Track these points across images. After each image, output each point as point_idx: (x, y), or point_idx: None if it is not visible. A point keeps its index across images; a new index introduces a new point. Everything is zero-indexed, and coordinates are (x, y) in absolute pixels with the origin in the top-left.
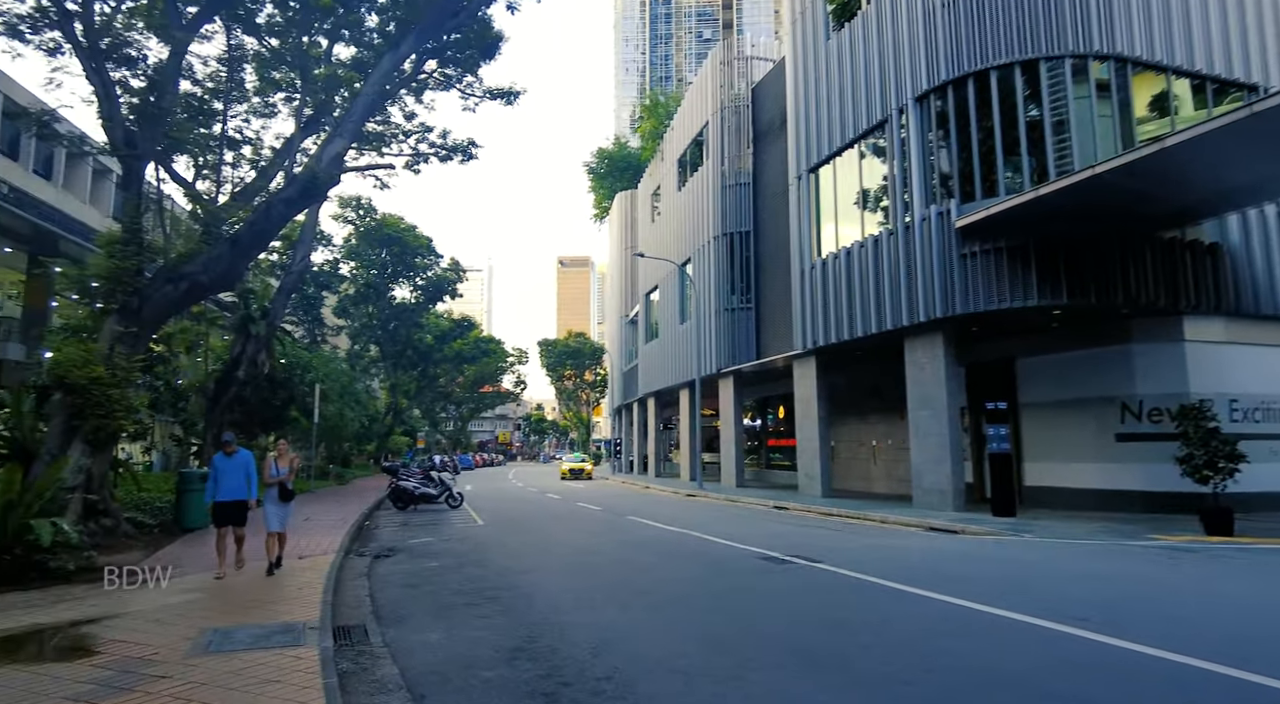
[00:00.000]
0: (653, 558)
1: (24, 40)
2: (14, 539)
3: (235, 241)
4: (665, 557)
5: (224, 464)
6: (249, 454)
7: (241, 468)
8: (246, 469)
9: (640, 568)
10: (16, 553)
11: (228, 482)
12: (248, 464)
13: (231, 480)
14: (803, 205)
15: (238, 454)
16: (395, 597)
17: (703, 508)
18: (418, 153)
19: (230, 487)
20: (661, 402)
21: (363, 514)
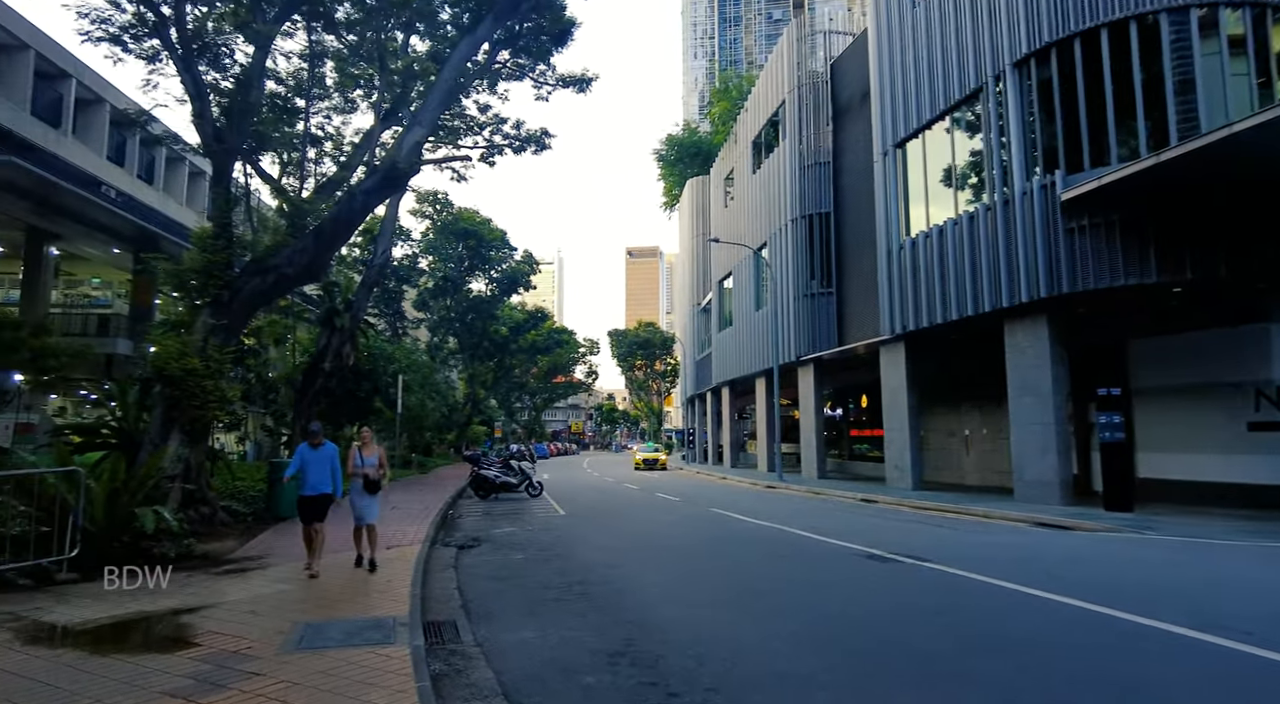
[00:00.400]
0: (744, 553)
1: (127, 49)
2: (121, 526)
3: (319, 233)
4: (757, 552)
5: (310, 456)
6: (335, 447)
7: (326, 461)
8: (332, 462)
9: (733, 564)
10: (125, 540)
11: (312, 475)
12: (333, 457)
13: (315, 474)
14: (889, 183)
15: (324, 446)
16: (483, 590)
17: (785, 500)
18: (492, 145)
19: (314, 480)
20: (736, 391)
21: (446, 503)
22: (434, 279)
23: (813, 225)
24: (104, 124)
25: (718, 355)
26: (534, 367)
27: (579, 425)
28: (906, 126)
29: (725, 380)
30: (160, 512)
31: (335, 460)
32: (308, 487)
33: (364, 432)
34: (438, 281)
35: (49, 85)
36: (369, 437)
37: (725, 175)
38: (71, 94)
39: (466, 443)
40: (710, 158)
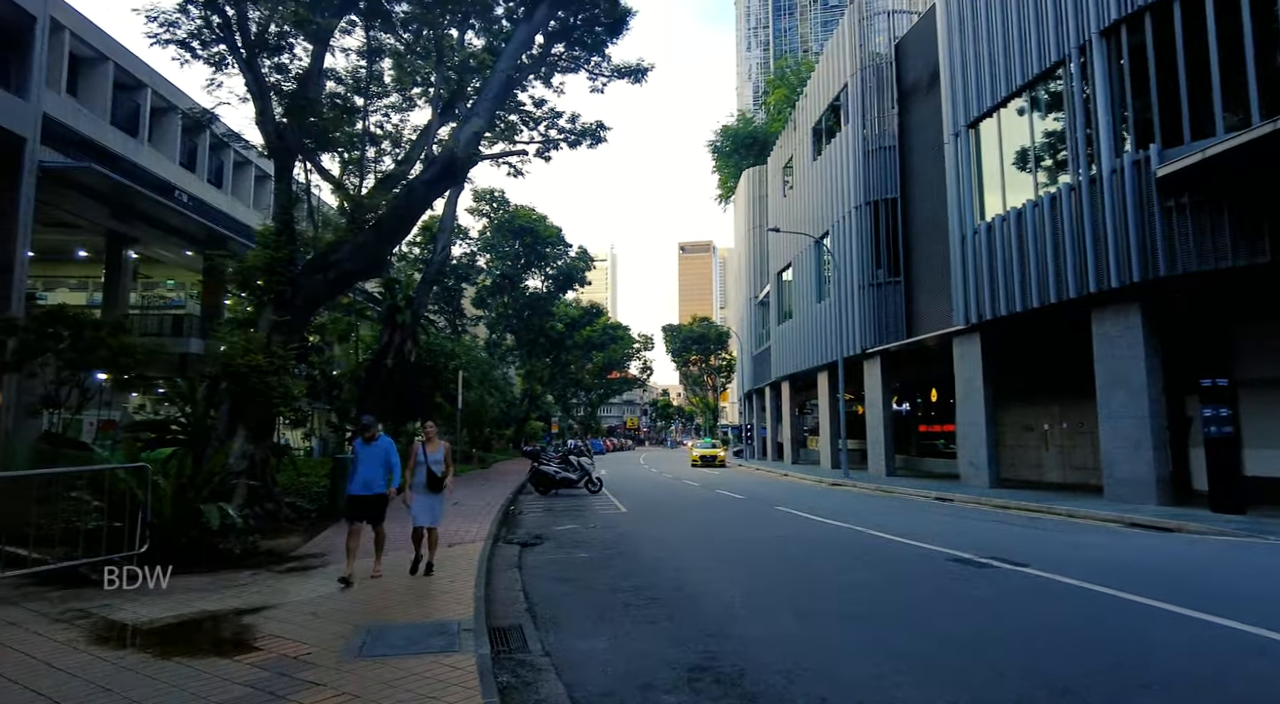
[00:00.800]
0: (819, 556)
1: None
2: (188, 522)
3: (379, 228)
4: (834, 555)
5: (363, 452)
6: (390, 441)
7: (380, 457)
8: (386, 457)
9: (809, 568)
10: (193, 535)
11: (363, 471)
12: (388, 452)
13: (368, 470)
14: (961, 165)
15: (378, 441)
16: (549, 593)
17: (854, 498)
18: (548, 139)
19: (366, 478)
20: (796, 385)
21: (508, 499)
22: (491, 277)
23: (878, 212)
24: (176, 131)
25: (777, 349)
26: (589, 363)
27: (634, 421)
28: (979, 105)
29: (785, 375)
30: (225, 508)
31: (391, 455)
32: (358, 484)
33: (428, 426)
34: (495, 279)
35: (127, 96)
36: (433, 431)
37: (784, 164)
38: (147, 103)
39: (526, 438)
40: (766, 148)
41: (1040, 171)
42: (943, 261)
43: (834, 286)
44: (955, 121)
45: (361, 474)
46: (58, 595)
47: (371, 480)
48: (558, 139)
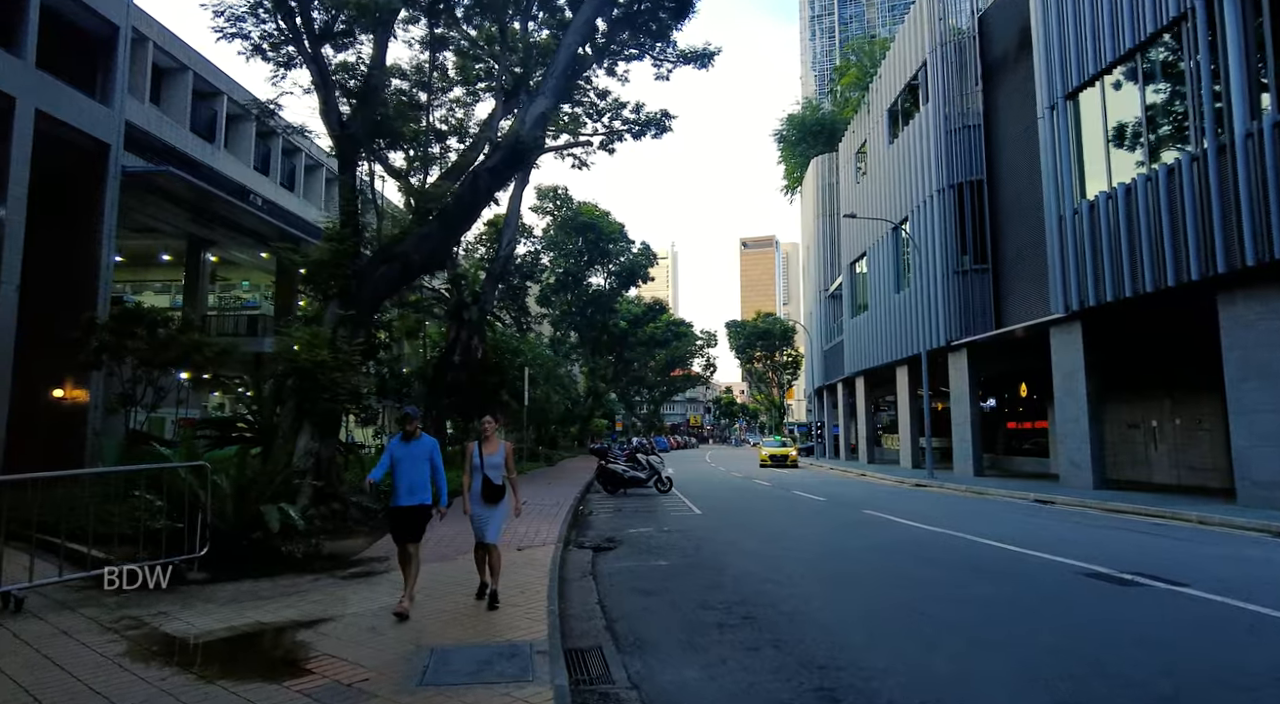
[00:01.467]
0: (928, 569)
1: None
2: (250, 524)
3: (444, 218)
4: (944, 567)
5: (402, 453)
6: (433, 441)
7: (423, 459)
8: (431, 460)
9: (920, 583)
10: (256, 537)
11: (406, 477)
12: (433, 453)
13: (410, 476)
14: (1058, 140)
15: (420, 440)
16: (630, 608)
17: (945, 501)
18: (612, 131)
19: (409, 483)
20: (871, 381)
21: (576, 498)
22: (555, 274)
23: (962, 195)
24: (250, 137)
25: (850, 343)
26: (651, 360)
27: (697, 419)
28: (1079, 74)
29: (859, 370)
30: (286, 509)
31: (436, 457)
32: (402, 493)
33: (485, 422)
34: (559, 277)
35: (204, 104)
36: (492, 428)
37: (856, 149)
38: (224, 111)
39: (593, 436)
40: (835, 136)
41: (1153, 142)
42: (1035, 246)
43: (914, 276)
44: (1051, 93)
45: (406, 479)
46: (115, 600)
47: (417, 486)
48: (621, 130)
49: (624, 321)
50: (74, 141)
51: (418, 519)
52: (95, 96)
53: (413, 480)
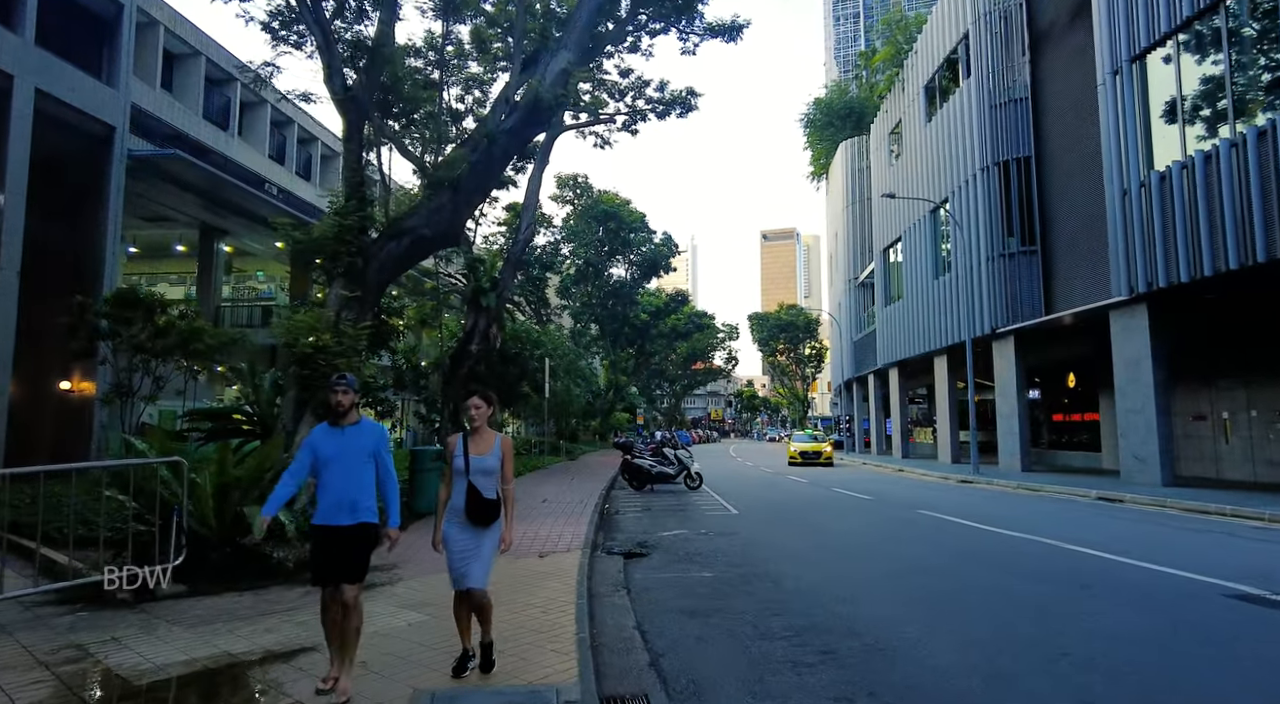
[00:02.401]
0: (1027, 584)
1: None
2: (233, 528)
3: (457, 187)
4: (1045, 582)
5: (330, 446)
6: (380, 429)
7: (362, 457)
8: (376, 457)
9: (1031, 606)
10: (240, 542)
11: (334, 483)
12: (378, 448)
13: (342, 481)
14: (1124, 107)
15: (360, 426)
16: (676, 635)
17: (1000, 499)
18: (635, 110)
19: (338, 494)
20: (906, 372)
21: (601, 496)
22: (575, 265)
23: (1007, 173)
24: (266, 124)
25: (883, 333)
26: (673, 353)
27: (718, 413)
28: (1148, 33)
29: (893, 361)
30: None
31: (384, 452)
32: (330, 507)
33: (473, 405)
34: (579, 268)
35: (218, 90)
36: (483, 414)
37: (890, 129)
38: (237, 97)
39: (617, 430)
40: (863, 119)
41: (1237, 103)
42: (1091, 225)
43: (955, 260)
44: (1114, 57)
45: (337, 488)
46: (68, 620)
47: (356, 498)
48: (645, 110)
49: (645, 313)
50: (78, 124)
51: (356, 547)
52: (100, 78)
53: (347, 489)
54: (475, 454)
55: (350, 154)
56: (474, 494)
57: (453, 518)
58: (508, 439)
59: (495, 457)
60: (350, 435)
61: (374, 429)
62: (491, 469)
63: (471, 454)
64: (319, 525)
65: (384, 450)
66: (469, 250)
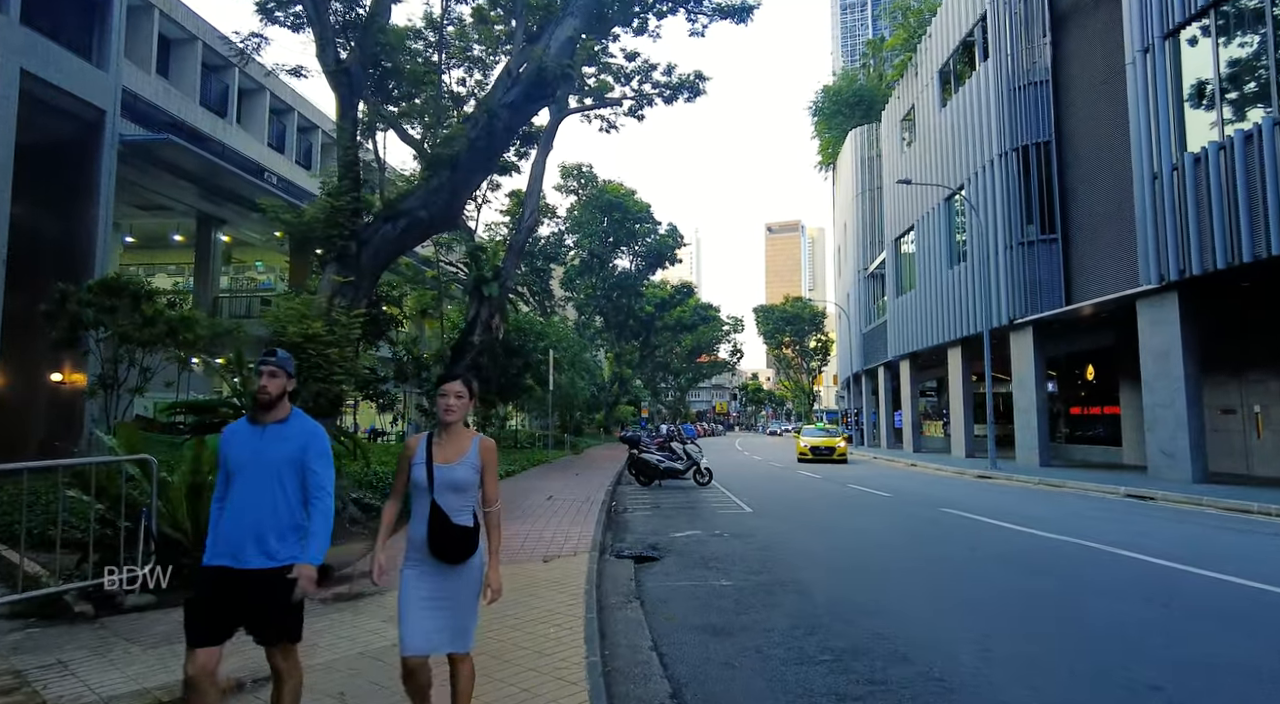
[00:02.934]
0: (1089, 597)
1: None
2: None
3: (455, 166)
4: (1109, 595)
5: (242, 450)
6: (314, 428)
7: (284, 466)
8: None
9: (1085, 620)
10: None
11: (244, 504)
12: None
13: (256, 501)
14: (1154, 87)
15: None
16: (698, 658)
17: (1024, 495)
18: (641, 94)
19: (249, 522)
20: (918, 364)
21: (608, 492)
22: (580, 257)
23: (1027, 159)
24: (265, 112)
25: (895, 324)
26: (677, 346)
27: (723, 406)
28: (1183, 8)
29: (904, 353)
30: None
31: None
32: (230, 539)
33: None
34: (583, 259)
35: (215, 77)
36: (458, 406)
37: (902, 116)
38: (235, 84)
39: (622, 424)
40: (873, 107)
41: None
42: (1115, 211)
43: (971, 249)
44: (1144, 33)
45: (243, 508)
46: (15, 638)
47: (257, 526)
48: (652, 94)
49: (650, 306)
50: (67, 108)
51: (273, 603)
52: (90, 60)
53: (254, 513)
54: (443, 462)
55: (344, 132)
56: (439, 519)
57: (412, 554)
58: (489, 442)
59: (470, 466)
60: (271, 437)
61: (304, 429)
62: (465, 483)
63: (438, 462)
64: (209, 567)
65: (317, 458)
66: (470, 239)
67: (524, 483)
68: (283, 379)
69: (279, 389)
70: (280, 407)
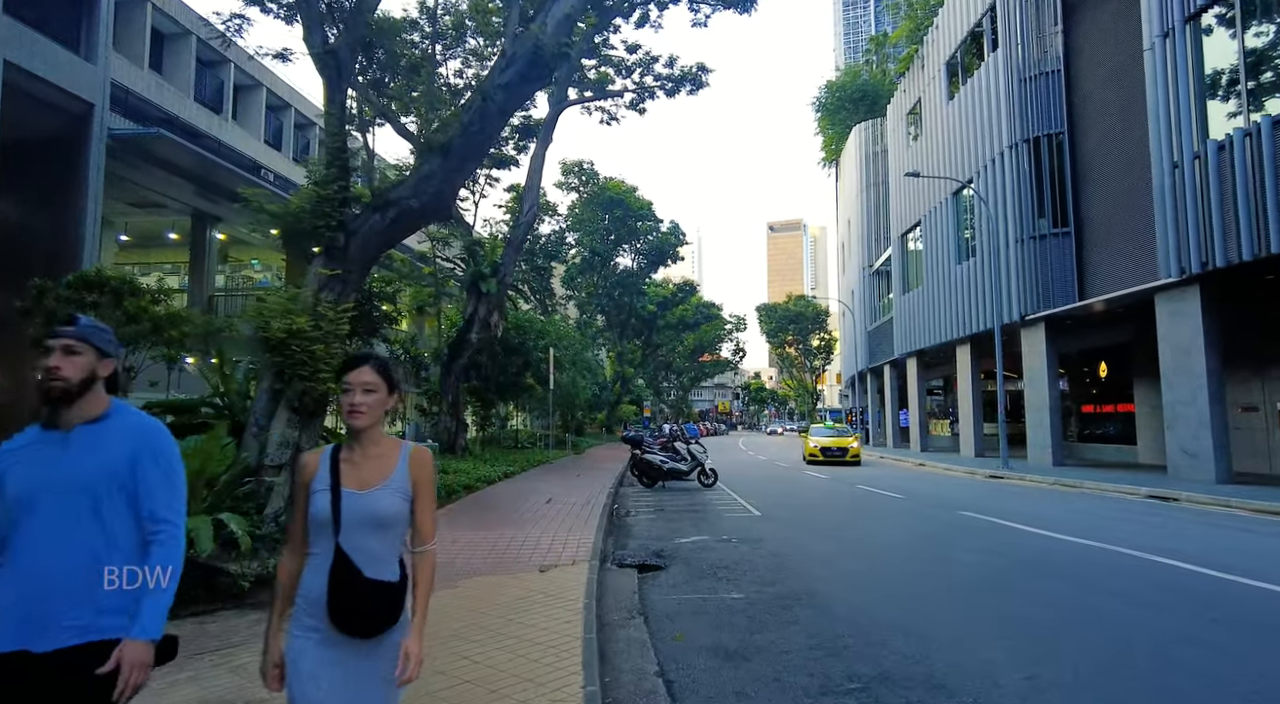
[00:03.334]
0: (1125, 607)
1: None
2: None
3: (447, 152)
4: (1143, 605)
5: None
6: (150, 428)
7: (91, 489)
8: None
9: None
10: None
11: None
12: (134, 471)
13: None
14: (1175, 73)
15: (107, 421)
16: (711, 687)
17: (1042, 497)
18: (642, 87)
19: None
20: (924, 362)
21: (609, 494)
22: (581, 255)
23: (1038, 151)
24: (261, 109)
25: (901, 322)
26: (680, 345)
27: (725, 405)
28: None
29: (911, 350)
30: (227, 521)
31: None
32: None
33: (357, 381)
34: (585, 257)
35: (210, 72)
36: (375, 403)
37: (908, 110)
38: (230, 80)
39: (625, 423)
40: (877, 102)
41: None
42: (1132, 202)
43: (981, 244)
44: (1164, 18)
45: (19, 564)
46: None
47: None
48: (654, 87)
49: (652, 304)
50: (54, 101)
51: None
52: (78, 52)
53: (63, 563)
54: (356, 487)
55: (331, 118)
56: (346, 572)
57: (303, 617)
58: (423, 452)
59: (397, 492)
60: (78, 447)
61: (131, 428)
62: (389, 518)
63: (349, 487)
64: None
65: (152, 469)
66: (468, 234)
67: (523, 484)
68: (89, 357)
69: (80, 372)
70: (89, 400)
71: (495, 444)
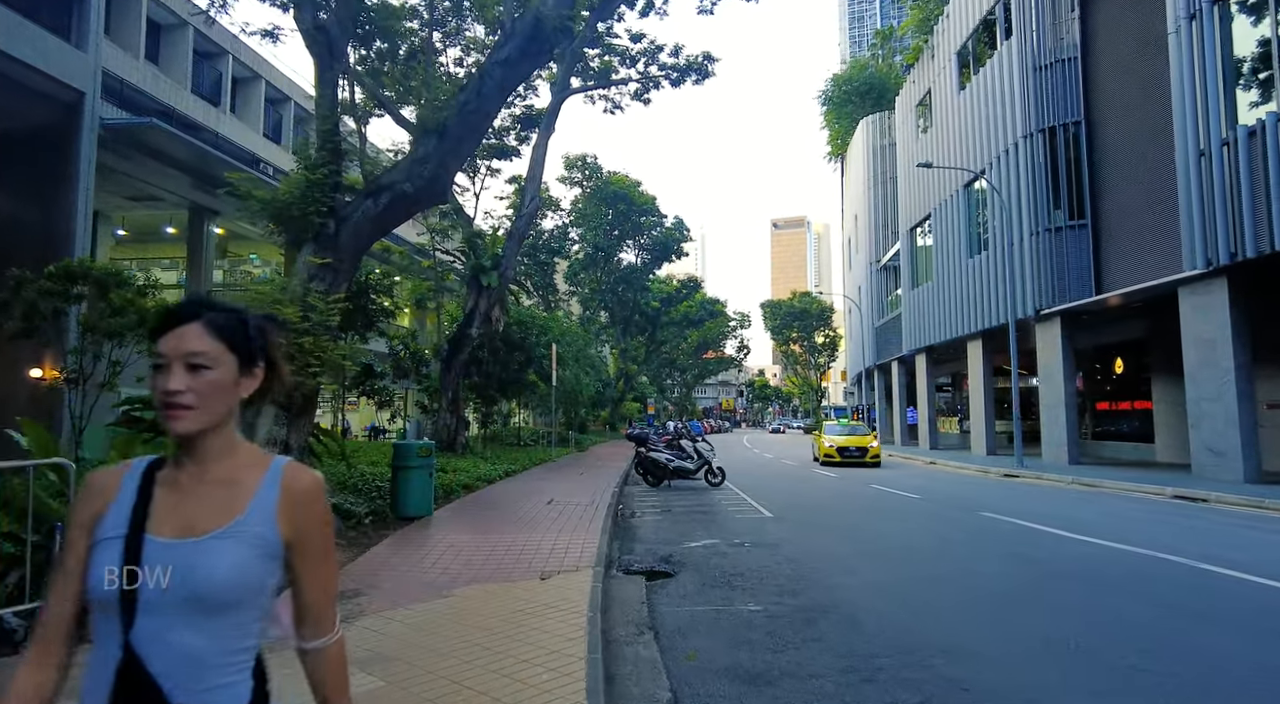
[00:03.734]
0: (1211, 632)
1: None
2: None
3: (443, 133)
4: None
5: None
6: None
7: None
8: None
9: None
10: None
11: None
12: None
13: None
14: (1202, 57)
15: None
16: None
17: (1063, 497)
18: (647, 77)
19: None
20: (934, 358)
21: (614, 494)
22: (584, 250)
23: (1054, 140)
24: (260, 102)
25: (910, 318)
26: (684, 341)
27: (730, 403)
28: None
29: (920, 346)
30: None
31: None
32: None
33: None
34: (588, 253)
35: (208, 64)
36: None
37: (917, 101)
38: (229, 72)
39: (630, 420)
40: (884, 95)
41: None
42: (1151, 193)
43: (994, 237)
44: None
45: None
46: None
47: None
48: (659, 76)
49: (656, 301)
50: (43, 89)
51: None
52: (68, 39)
53: None
54: (172, 533)
55: (322, 99)
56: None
57: None
58: (308, 477)
59: (250, 542)
60: None
61: None
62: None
63: (160, 533)
64: None
65: None
66: (469, 225)
67: (524, 484)
68: None
69: None
70: None
71: (497, 442)
